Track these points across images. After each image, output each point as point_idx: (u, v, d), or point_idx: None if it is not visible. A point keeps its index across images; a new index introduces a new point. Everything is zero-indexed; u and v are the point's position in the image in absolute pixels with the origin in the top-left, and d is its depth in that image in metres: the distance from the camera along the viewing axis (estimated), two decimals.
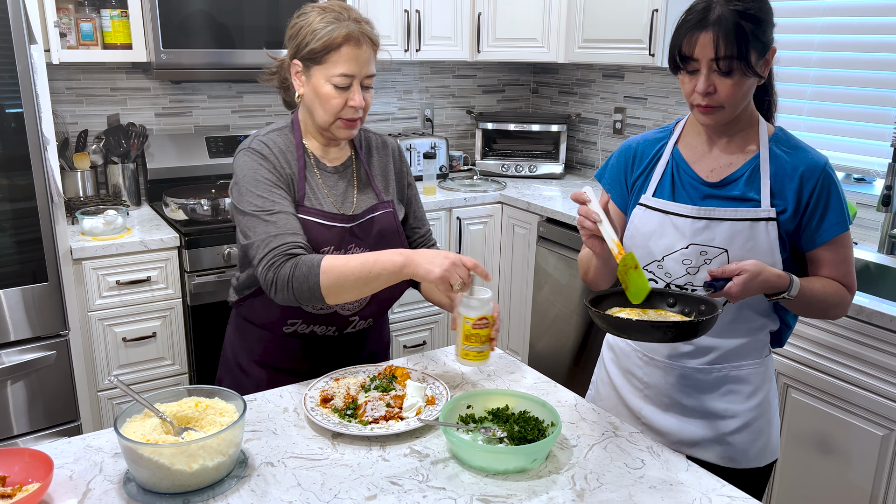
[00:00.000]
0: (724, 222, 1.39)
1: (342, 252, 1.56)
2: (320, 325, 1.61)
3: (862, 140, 2.61)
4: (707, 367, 1.46)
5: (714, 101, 1.33)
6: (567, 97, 3.92)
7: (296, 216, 1.50)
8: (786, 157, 1.40)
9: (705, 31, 1.29)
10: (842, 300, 1.43)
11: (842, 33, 2.63)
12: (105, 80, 3.00)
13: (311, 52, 1.48)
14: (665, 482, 1.19)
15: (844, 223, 1.40)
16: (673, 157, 1.48)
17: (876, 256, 2.45)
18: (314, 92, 1.51)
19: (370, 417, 1.33)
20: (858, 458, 2.04)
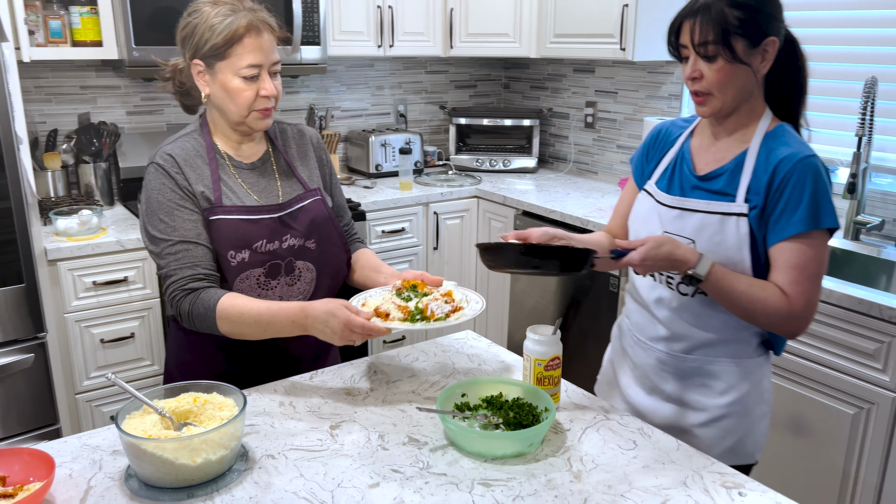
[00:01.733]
0: (696, 214, 1.41)
1: (277, 244, 1.53)
2: None
3: (827, 130, 2.70)
4: (682, 354, 1.48)
5: (702, 87, 1.36)
6: (538, 92, 3.96)
7: (198, 242, 1.47)
8: (772, 152, 1.36)
9: (690, 18, 1.34)
10: (774, 309, 1.32)
11: (805, 26, 2.71)
12: (74, 79, 2.95)
13: (212, 48, 1.45)
14: (658, 461, 1.23)
15: (805, 224, 1.30)
16: (682, 148, 1.51)
17: (842, 243, 2.53)
18: (223, 89, 1.48)
19: (442, 313, 1.39)
20: (831, 436, 2.12)
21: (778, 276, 1.34)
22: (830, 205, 1.32)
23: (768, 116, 1.41)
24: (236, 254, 1.50)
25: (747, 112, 1.41)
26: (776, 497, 1.14)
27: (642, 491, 1.14)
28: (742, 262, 1.37)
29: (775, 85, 1.42)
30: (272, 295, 1.55)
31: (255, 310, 1.42)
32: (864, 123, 2.41)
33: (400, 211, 3.19)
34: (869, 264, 2.44)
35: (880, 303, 1.95)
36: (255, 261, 1.52)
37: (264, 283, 1.54)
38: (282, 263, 1.55)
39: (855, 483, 2.08)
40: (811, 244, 1.32)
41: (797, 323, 1.34)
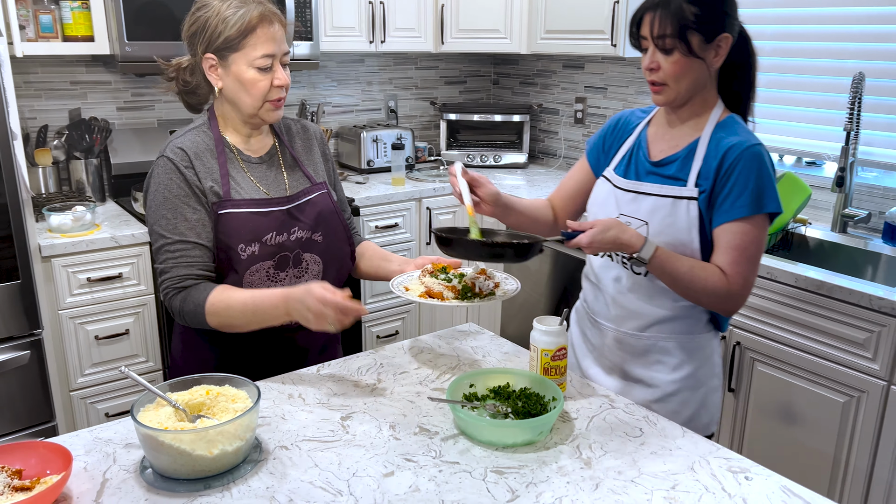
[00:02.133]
0: (649, 197, 1.49)
1: (285, 236, 1.55)
2: None
3: (815, 125, 2.75)
4: (636, 333, 1.55)
5: (658, 78, 1.44)
6: (528, 88, 3.99)
7: (198, 242, 1.49)
8: (722, 140, 1.44)
9: (650, 11, 1.42)
10: (714, 288, 1.41)
11: (794, 23, 2.76)
12: (64, 74, 2.92)
13: (226, 40, 1.47)
14: (665, 448, 1.26)
15: (749, 208, 1.39)
16: (639, 136, 1.59)
17: (829, 235, 2.58)
18: (237, 81, 1.49)
19: (487, 289, 1.48)
20: (821, 424, 2.16)
21: (719, 256, 1.43)
22: (774, 191, 1.41)
23: (720, 107, 1.50)
24: (246, 247, 1.51)
25: (700, 103, 1.49)
26: (781, 480, 1.17)
27: (651, 476, 1.17)
28: (692, 242, 1.46)
29: (727, 78, 1.50)
30: (281, 287, 1.53)
31: (240, 300, 1.45)
32: (852, 118, 2.46)
33: (393, 206, 3.20)
34: (856, 256, 2.49)
35: (871, 293, 2.00)
36: (264, 253, 1.53)
37: (273, 276, 1.55)
38: (290, 255, 1.56)
39: (846, 470, 2.13)
40: (753, 227, 1.41)
41: (735, 300, 1.44)
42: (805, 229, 2.62)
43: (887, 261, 2.42)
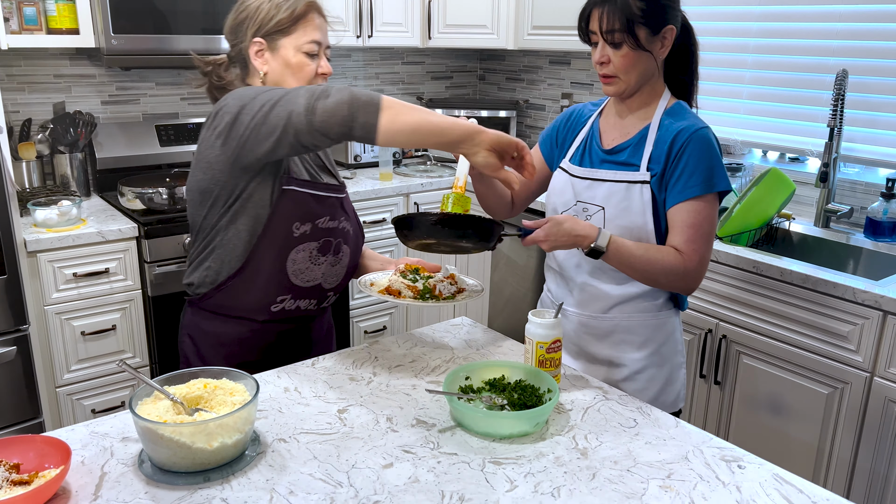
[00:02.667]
0: (604, 183, 1.55)
1: (335, 223, 1.59)
2: (305, 299, 1.61)
3: (799, 122, 2.79)
4: (600, 315, 1.61)
5: (609, 71, 1.50)
6: (514, 83, 4.00)
7: None
8: (671, 125, 1.51)
9: (598, 7, 1.47)
10: (671, 267, 1.47)
11: (778, 21, 2.79)
12: (48, 67, 2.89)
13: (278, 23, 1.52)
14: (659, 438, 1.27)
15: (701, 188, 1.46)
16: (592, 127, 1.65)
17: (813, 230, 2.63)
18: (284, 64, 1.54)
19: (449, 293, 1.51)
20: (806, 416, 2.20)
21: (675, 235, 1.49)
22: (723, 170, 1.49)
23: (667, 95, 1.57)
24: (300, 225, 1.53)
25: (649, 92, 1.56)
26: (773, 469, 1.20)
27: (647, 466, 1.19)
28: (646, 224, 1.52)
29: (673, 67, 1.58)
30: (318, 270, 1.59)
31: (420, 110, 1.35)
32: (836, 115, 2.50)
33: (381, 201, 3.20)
34: (839, 250, 2.53)
35: (854, 286, 2.04)
36: (314, 235, 1.56)
37: (315, 258, 1.58)
38: (333, 241, 1.60)
39: (829, 460, 2.17)
40: (705, 205, 1.48)
41: (692, 277, 1.50)
42: (789, 224, 2.66)
43: (868, 255, 2.46)
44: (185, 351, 1.67)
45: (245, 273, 1.54)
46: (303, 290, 1.59)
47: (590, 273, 1.60)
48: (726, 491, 1.13)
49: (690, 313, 2.45)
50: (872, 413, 2.05)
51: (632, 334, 1.61)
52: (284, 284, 1.56)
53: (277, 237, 1.52)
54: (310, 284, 1.59)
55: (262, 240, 1.52)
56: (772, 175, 2.48)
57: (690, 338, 2.47)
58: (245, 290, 1.57)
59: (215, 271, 1.57)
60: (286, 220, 1.52)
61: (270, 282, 1.55)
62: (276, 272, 1.54)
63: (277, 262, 1.54)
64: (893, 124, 2.52)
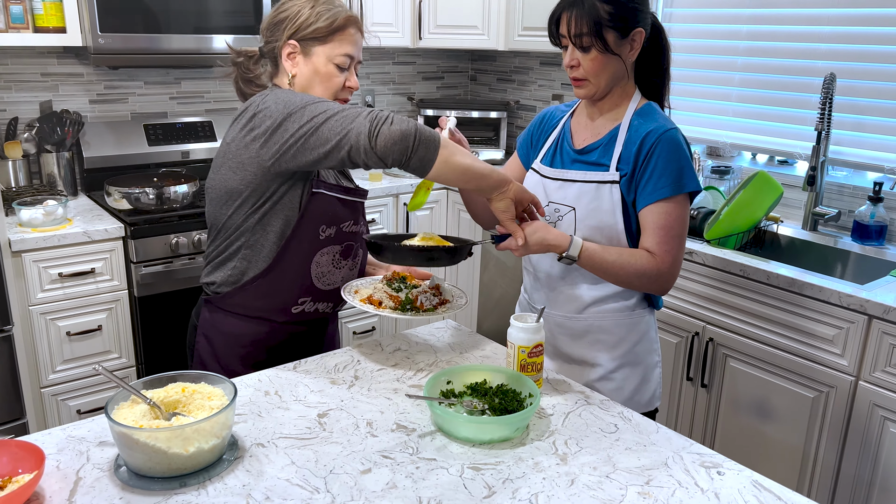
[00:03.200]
0: (574, 183, 1.57)
1: (358, 227, 1.65)
2: (324, 301, 1.66)
3: (787, 125, 2.79)
4: (575, 315, 1.63)
5: (579, 74, 1.51)
6: (505, 84, 4.00)
7: None
8: (640, 126, 1.52)
9: (567, 11, 1.48)
10: (644, 269, 1.48)
11: (767, 24, 2.80)
12: (35, 66, 2.87)
13: (315, 31, 1.55)
14: (639, 443, 1.27)
15: (671, 189, 1.47)
16: (563, 129, 1.67)
17: (801, 233, 2.63)
18: (314, 71, 1.57)
19: (431, 305, 1.51)
20: (792, 419, 2.21)
21: (647, 237, 1.50)
22: (692, 171, 1.50)
23: (637, 97, 1.58)
24: (326, 228, 1.59)
25: (619, 94, 1.57)
26: (752, 475, 1.20)
27: (626, 472, 1.18)
28: (616, 224, 1.53)
29: (644, 69, 1.59)
30: (339, 274, 1.65)
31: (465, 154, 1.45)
32: (823, 118, 2.50)
33: (370, 202, 3.19)
34: (826, 253, 2.54)
35: (840, 290, 2.04)
36: (338, 238, 1.61)
37: (337, 262, 1.64)
38: (354, 245, 1.67)
39: (814, 464, 2.18)
40: (676, 206, 1.49)
41: (665, 279, 1.50)
42: (777, 227, 2.66)
43: (856, 258, 2.47)
44: (199, 352, 1.67)
45: (271, 274, 1.57)
46: (323, 292, 1.64)
47: (564, 274, 1.62)
48: (704, 497, 1.12)
49: (677, 315, 2.45)
50: (857, 417, 2.06)
51: (606, 334, 1.62)
52: (307, 287, 1.61)
53: (304, 240, 1.57)
54: (330, 287, 1.64)
55: (290, 242, 1.56)
56: (759, 178, 2.48)
57: (677, 340, 2.47)
58: (269, 291, 1.59)
59: (240, 271, 1.59)
60: (314, 222, 1.56)
61: (294, 284, 1.60)
62: (300, 275, 1.59)
63: (303, 265, 1.58)
64: (881, 128, 2.53)
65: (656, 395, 1.70)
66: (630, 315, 1.62)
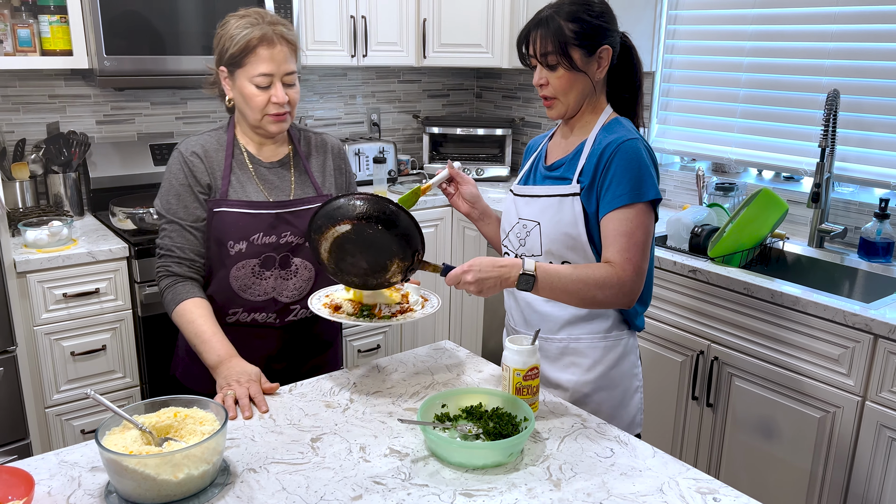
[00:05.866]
0: (539, 198, 1.58)
1: (274, 238, 1.67)
2: (260, 312, 1.72)
3: (791, 141, 2.77)
4: (549, 336, 1.62)
5: (548, 93, 1.53)
6: (510, 101, 4.00)
7: (192, 227, 1.67)
8: (603, 139, 1.53)
9: (534, 31, 1.51)
10: (604, 280, 1.43)
11: (771, 40, 2.79)
12: (43, 88, 2.91)
13: (231, 56, 1.61)
14: (635, 469, 1.25)
15: (629, 196, 1.46)
16: (540, 151, 1.69)
17: (807, 250, 2.60)
18: (240, 94, 1.64)
19: (389, 312, 1.51)
20: (798, 439, 2.17)
21: (607, 247, 1.48)
22: (652, 179, 1.49)
23: (607, 112, 1.59)
24: (235, 244, 1.65)
25: (589, 111, 1.59)
26: (749, 502, 1.17)
27: (620, 498, 1.17)
28: (579, 236, 1.53)
29: (616, 86, 1.60)
30: (265, 284, 1.69)
31: (197, 328, 1.60)
32: (827, 135, 2.48)
33: None
34: (833, 271, 2.51)
35: (845, 309, 2.01)
36: (251, 252, 1.67)
37: (258, 273, 1.69)
38: (276, 256, 1.69)
39: (822, 485, 2.14)
40: (637, 214, 1.47)
41: (628, 289, 1.46)
42: (783, 244, 2.64)
43: (863, 276, 2.44)
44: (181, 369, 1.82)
45: (207, 289, 1.72)
46: (255, 303, 1.71)
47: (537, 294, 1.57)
48: None
49: (681, 334, 2.43)
50: (864, 438, 2.02)
51: (581, 356, 1.60)
52: (233, 299, 1.70)
53: (219, 255, 1.68)
54: (263, 298, 1.71)
55: (211, 257, 1.70)
56: (763, 195, 2.47)
57: (682, 359, 2.45)
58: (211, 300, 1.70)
59: None
60: (220, 239, 1.66)
61: (219, 296, 1.70)
62: (221, 288, 1.70)
63: (221, 280, 1.69)
64: (886, 144, 2.50)
65: (636, 420, 1.66)
66: (605, 337, 1.60)
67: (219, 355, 1.55)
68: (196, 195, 1.67)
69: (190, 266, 1.68)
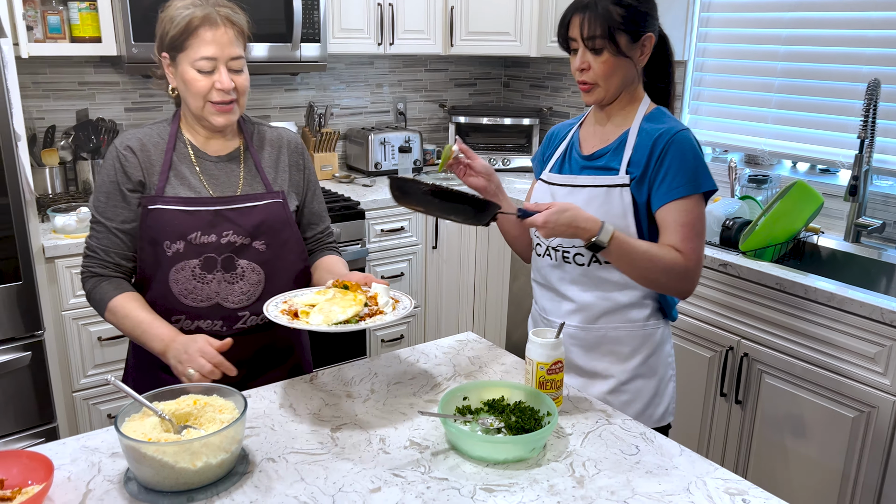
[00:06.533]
0: (584, 188, 1.55)
1: (214, 237, 1.52)
2: (205, 320, 1.55)
3: (829, 132, 2.69)
4: (587, 325, 1.59)
5: (589, 78, 1.50)
6: (538, 91, 3.95)
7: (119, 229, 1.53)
8: (651, 129, 1.51)
9: (578, 13, 1.48)
10: (672, 265, 1.45)
11: (808, 28, 2.70)
12: (72, 75, 2.93)
13: (172, 39, 1.48)
14: (661, 467, 1.22)
15: (687, 188, 1.46)
16: (571, 139, 1.65)
17: (841, 245, 2.53)
18: (182, 80, 1.50)
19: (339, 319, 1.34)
20: (830, 440, 2.11)
21: (669, 235, 1.47)
22: (706, 170, 1.48)
23: (646, 102, 1.57)
24: (172, 244, 1.51)
25: (628, 99, 1.56)
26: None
27: (645, 497, 1.14)
28: (628, 227, 1.51)
29: (652, 76, 1.58)
30: (209, 289, 1.53)
31: (136, 317, 1.49)
32: (867, 126, 2.40)
33: (399, 210, 3.18)
34: (870, 267, 2.43)
35: (882, 306, 1.95)
36: (189, 252, 1.52)
37: (200, 276, 1.53)
38: (217, 258, 1.53)
39: (854, 486, 2.08)
40: (694, 205, 1.47)
41: (691, 277, 1.48)
42: (818, 238, 2.56)
43: None
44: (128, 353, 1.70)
45: (145, 294, 1.57)
46: (198, 310, 1.54)
47: (575, 282, 1.58)
48: None
49: (710, 329, 2.38)
50: None
51: (619, 345, 1.59)
52: (174, 304, 1.54)
53: (155, 257, 1.53)
54: (205, 304, 1.54)
55: (141, 261, 1.56)
56: (797, 188, 2.40)
57: (711, 355, 2.40)
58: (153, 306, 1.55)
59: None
60: (158, 238, 1.52)
61: (160, 302, 1.54)
62: (161, 293, 1.54)
63: (161, 284, 1.54)
64: None
65: (669, 409, 1.65)
66: (643, 327, 1.58)
67: (162, 340, 1.44)
68: (124, 194, 1.52)
69: (115, 269, 1.55)
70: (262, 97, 3.41)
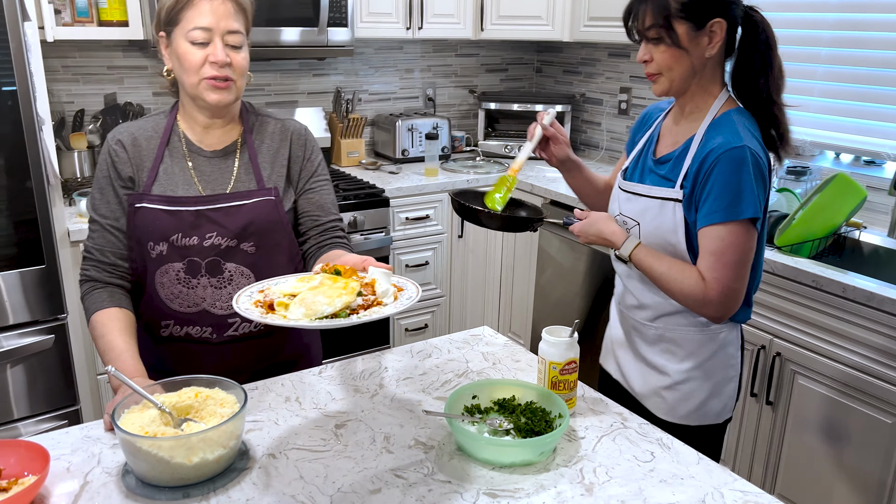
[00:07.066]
0: (641, 198, 1.50)
1: (196, 240, 1.44)
2: (194, 326, 1.49)
3: (874, 122, 2.56)
4: (647, 322, 1.56)
5: (651, 69, 1.43)
6: (571, 76, 3.85)
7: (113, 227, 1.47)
8: (709, 140, 1.40)
9: (638, 3, 1.41)
10: (689, 292, 1.38)
11: (854, 12, 2.57)
12: (101, 59, 2.94)
13: (168, 12, 1.40)
14: (676, 476, 1.16)
15: (723, 214, 1.34)
16: (653, 133, 1.58)
17: (885, 241, 2.41)
18: (177, 56, 1.41)
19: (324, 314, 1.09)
20: (867, 445, 2.02)
21: (700, 260, 1.40)
22: (752, 195, 1.34)
23: (722, 99, 1.44)
24: (156, 245, 1.45)
25: (701, 94, 1.45)
26: None
27: None
28: (678, 244, 1.43)
29: (743, 67, 1.44)
30: (196, 295, 1.47)
31: (110, 343, 1.40)
32: None
33: (425, 198, 3.14)
34: None
35: None
36: (173, 255, 1.45)
37: (185, 281, 1.47)
38: (201, 262, 1.46)
39: (891, 493, 1.98)
40: (729, 233, 1.36)
41: (714, 307, 1.39)
42: (859, 233, 2.44)
43: None
44: None
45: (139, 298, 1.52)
46: (187, 315, 1.49)
47: (638, 282, 1.55)
48: None
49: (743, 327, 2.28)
50: None
51: (676, 346, 1.54)
52: (162, 309, 1.49)
53: (141, 258, 1.48)
54: (193, 309, 1.48)
55: (132, 262, 1.50)
56: (838, 180, 2.28)
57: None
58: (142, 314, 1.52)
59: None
60: (141, 239, 1.46)
61: (151, 305, 1.50)
62: (149, 297, 1.50)
63: (149, 287, 1.49)
64: None
65: (727, 407, 1.57)
66: (702, 330, 1.50)
67: (126, 372, 1.34)
68: (116, 190, 1.46)
69: (111, 271, 1.48)
70: (289, 82, 3.39)
